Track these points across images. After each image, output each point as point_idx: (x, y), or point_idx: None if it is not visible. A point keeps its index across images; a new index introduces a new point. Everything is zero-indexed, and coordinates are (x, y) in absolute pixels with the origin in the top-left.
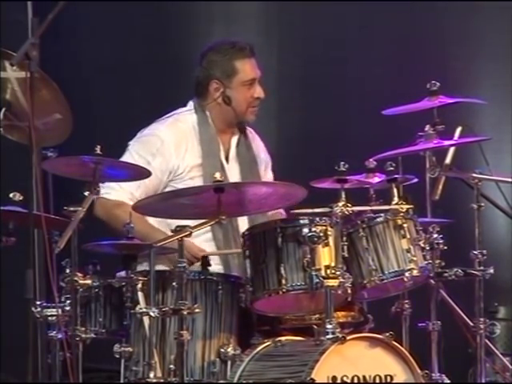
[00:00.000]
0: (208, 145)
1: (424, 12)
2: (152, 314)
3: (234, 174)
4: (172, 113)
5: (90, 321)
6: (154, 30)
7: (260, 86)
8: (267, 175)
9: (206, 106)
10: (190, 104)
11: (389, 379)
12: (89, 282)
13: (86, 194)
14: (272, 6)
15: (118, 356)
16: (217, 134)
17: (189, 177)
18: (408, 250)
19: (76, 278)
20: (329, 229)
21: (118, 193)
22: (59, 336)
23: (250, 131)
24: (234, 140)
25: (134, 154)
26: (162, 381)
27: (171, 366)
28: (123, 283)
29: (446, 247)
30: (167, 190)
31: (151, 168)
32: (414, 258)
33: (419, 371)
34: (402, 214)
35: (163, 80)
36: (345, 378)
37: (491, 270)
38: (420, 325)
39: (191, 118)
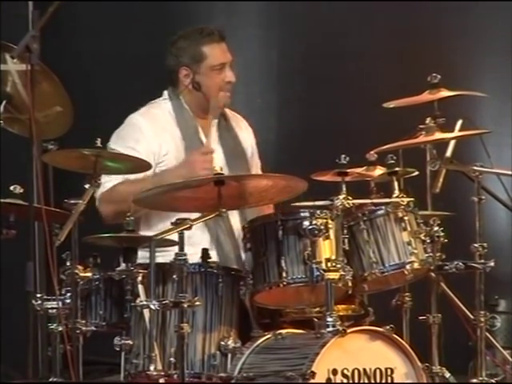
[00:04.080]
0: (186, 128)
1: (424, 5)
2: (152, 306)
3: (217, 157)
4: (152, 101)
5: (90, 313)
6: (154, 22)
7: (231, 71)
8: (254, 160)
9: (180, 93)
10: (165, 93)
11: (389, 372)
12: (89, 274)
13: (87, 186)
14: (272, 0)
15: (118, 349)
16: (195, 118)
17: (174, 158)
18: (409, 243)
19: (76, 271)
20: (329, 222)
21: (113, 180)
22: (59, 329)
23: (235, 115)
24: (214, 124)
25: (119, 150)
26: (162, 373)
27: (171, 359)
28: (123, 276)
29: (446, 240)
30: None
31: (138, 154)
32: (415, 251)
33: (419, 364)
34: (402, 207)
35: (163, 74)
36: (345, 371)
37: (492, 263)
38: (420, 318)
39: (166, 106)
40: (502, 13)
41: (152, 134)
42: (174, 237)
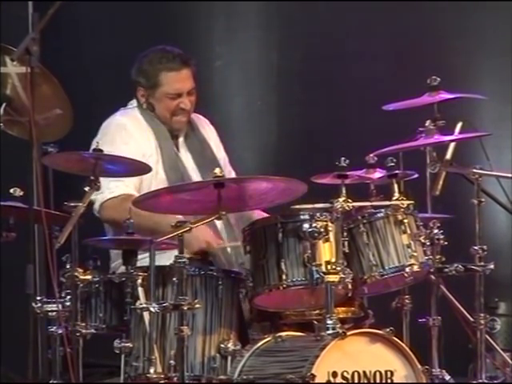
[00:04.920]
0: (158, 131)
1: (424, 7)
2: (152, 309)
3: (187, 162)
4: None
5: (90, 316)
6: (155, 25)
7: (190, 97)
8: (221, 154)
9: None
10: (131, 103)
11: (389, 375)
12: (89, 277)
13: (87, 189)
14: (272, 1)
15: (118, 351)
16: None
17: (155, 161)
18: (408, 246)
19: (76, 274)
20: (329, 224)
21: (122, 187)
22: (59, 331)
23: (196, 115)
24: (181, 135)
25: (110, 150)
26: (162, 376)
27: (171, 362)
28: (123, 279)
29: (446, 243)
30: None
31: (131, 155)
32: (415, 254)
33: (419, 367)
34: (402, 210)
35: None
36: (345, 374)
37: (491, 266)
38: (420, 320)
39: (136, 113)
40: (501, 15)
41: (136, 132)
42: None
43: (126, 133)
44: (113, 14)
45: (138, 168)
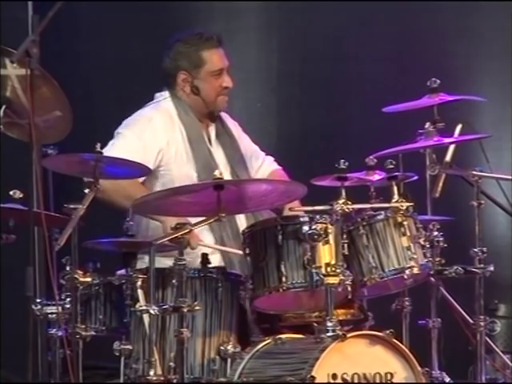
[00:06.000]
0: (192, 128)
1: (424, 9)
2: (152, 311)
3: (219, 157)
4: (149, 103)
5: (90, 318)
6: (154, 27)
7: (228, 76)
8: (249, 149)
9: (180, 96)
10: (163, 94)
11: (389, 377)
12: (89, 279)
13: (86, 191)
14: (272, 2)
15: (117, 354)
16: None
17: (180, 158)
18: (408, 248)
19: (76, 276)
20: (329, 226)
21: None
22: (59, 333)
23: (225, 116)
24: (212, 128)
25: (124, 133)
26: (161, 378)
27: (171, 364)
28: (123, 281)
29: (446, 245)
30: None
31: (142, 142)
32: (415, 256)
33: (419, 369)
34: (402, 212)
35: (163, 77)
36: (345, 376)
37: (491, 268)
38: (420, 322)
39: (169, 106)
40: (501, 17)
41: (162, 130)
42: None
43: (149, 126)
44: (112, 16)
45: (138, 170)
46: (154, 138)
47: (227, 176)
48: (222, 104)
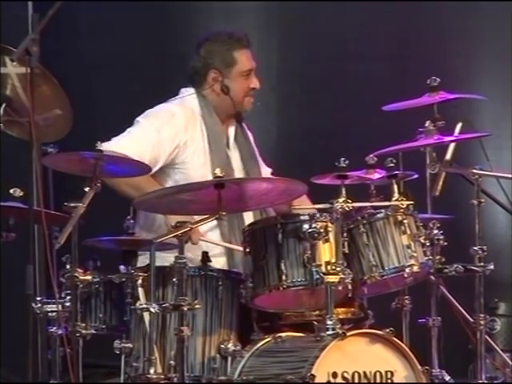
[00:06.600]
0: (213, 130)
1: (424, 8)
2: (152, 309)
3: (235, 161)
4: (174, 98)
5: (90, 317)
6: (155, 26)
7: (255, 77)
8: (263, 166)
9: (206, 94)
10: (188, 90)
11: (389, 375)
12: (89, 277)
13: (86, 189)
14: (272, 2)
15: (118, 352)
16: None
17: (197, 157)
18: (408, 246)
19: (76, 274)
20: (329, 225)
21: (137, 151)
22: (59, 332)
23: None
24: (232, 130)
25: (143, 123)
26: (162, 377)
27: (171, 362)
28: (123, 279)
29: (446, 243)
30: (171, 178)
31: (159, 136)
32: (415, 254)
33: (419, 367)
34: (402, 210)
35: (163, 76)
36: (345, 374)
37: (491, 266)
38: (420, 321)
39: (194, 103)
40: (501, 16)
41: (182, 125)
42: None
43: (171, 121)
44: (112, 15)
45: (138, 169)
46: (173, 135)
47: (242, 175)
48: (248, 105)
